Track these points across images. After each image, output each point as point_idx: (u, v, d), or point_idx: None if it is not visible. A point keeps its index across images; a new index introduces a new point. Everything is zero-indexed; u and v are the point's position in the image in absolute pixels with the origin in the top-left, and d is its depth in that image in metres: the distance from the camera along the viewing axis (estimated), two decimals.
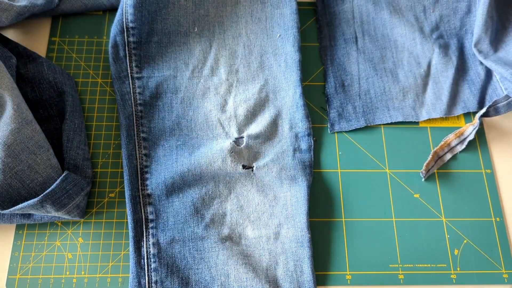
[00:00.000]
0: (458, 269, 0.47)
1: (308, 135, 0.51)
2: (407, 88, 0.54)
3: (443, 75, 0.54)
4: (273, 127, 0.51)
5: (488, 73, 0.54)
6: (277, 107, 0.52)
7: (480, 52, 0.53)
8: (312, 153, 0.50)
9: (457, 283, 0.46)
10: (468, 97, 0.53)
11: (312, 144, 0.51)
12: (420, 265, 0.47)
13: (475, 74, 0.54)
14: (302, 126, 0.51)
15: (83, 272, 0.45)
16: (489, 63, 0.52)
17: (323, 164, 0.51)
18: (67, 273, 0.45)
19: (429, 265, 0.47)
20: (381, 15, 0.57)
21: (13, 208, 0.41)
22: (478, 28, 0.52)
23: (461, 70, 0.54)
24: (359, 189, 0.50)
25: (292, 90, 0.52)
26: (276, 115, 0.51)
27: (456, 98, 0.53)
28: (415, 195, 0.50)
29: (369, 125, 0.52)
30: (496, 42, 0.53)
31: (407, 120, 0.52)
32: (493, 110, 0.50)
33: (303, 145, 0.50)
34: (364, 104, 0.53)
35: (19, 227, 0.47)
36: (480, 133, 0.53)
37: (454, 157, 0.51)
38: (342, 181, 0.50)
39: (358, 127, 0.52)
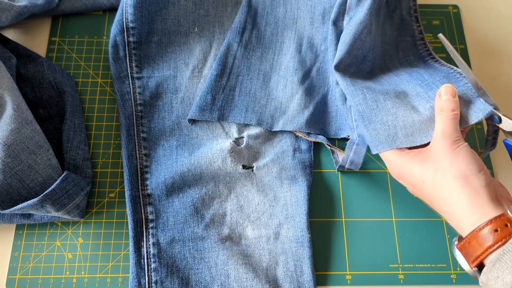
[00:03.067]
0: (458, 269, 0.46)
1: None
2: (273, 95, 0.50)
3: (318, 91, 0.50)
4: None
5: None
6: None
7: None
8: (312, 153, 0.50)
9: (457, 283, 0.46)
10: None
11: (312, 144, 0.50)
12: (420, 265, 0.47)
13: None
14: None
15: (83, 272, 0.45)
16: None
17: (323, 164, 0.51)
18: (67, 273, 0.45)
19: (429, 265, 0.47)
20: (276, 12, 0.53)
21: (13, 208, 0.41)
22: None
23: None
24: (359, 189, 0.50)
25: None
26: None
27: (321, 117, 0.49)
28: (415, 195, 0.50)
29: (221, 120, 0.49)
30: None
31: (261, 126, 0.49)
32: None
33: (303, 145, 0.50)
34: (225, 99, 0.50)
35: (19, 227, 0.47)
36: (480, 133, 0.53)
37: None
38: (342, 181, 0.50)
39: (209, 120, 0.49)
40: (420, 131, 0.40)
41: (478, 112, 0.39)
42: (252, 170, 0.48)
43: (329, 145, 0.48)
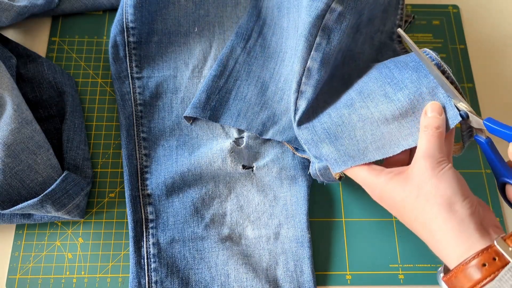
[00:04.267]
0: None
1: None
2: (268, 105, 0.49)
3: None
4: None
5: None
6: None
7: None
8: None
9: None
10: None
11: None
12: (420, 265, 0.47)
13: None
14: None
15: (83, 272, 0.45)
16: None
17: None
18: (67, 273, 0.45)
19: (429, 265, 0.47)
20: (281, 23, 0.52)
21: (13, 208, 0.41)
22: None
23: None
24: (359, 189, 0.50)
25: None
26: None
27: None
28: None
29: (212, 120, 0.48)
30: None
31: (250, 131, 0.48)
32: None
33: None
34: (219, 100, 0.49)
35: (19, 227, 0.47)
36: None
37: (453, 157, 0.51)
38: (342, 181, 0.50)
39: (200, 117, 0.48)
40: (391, 143, 0.39)
41: (448, 120, 0.38)
42: (252, 170, 0.48)
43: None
